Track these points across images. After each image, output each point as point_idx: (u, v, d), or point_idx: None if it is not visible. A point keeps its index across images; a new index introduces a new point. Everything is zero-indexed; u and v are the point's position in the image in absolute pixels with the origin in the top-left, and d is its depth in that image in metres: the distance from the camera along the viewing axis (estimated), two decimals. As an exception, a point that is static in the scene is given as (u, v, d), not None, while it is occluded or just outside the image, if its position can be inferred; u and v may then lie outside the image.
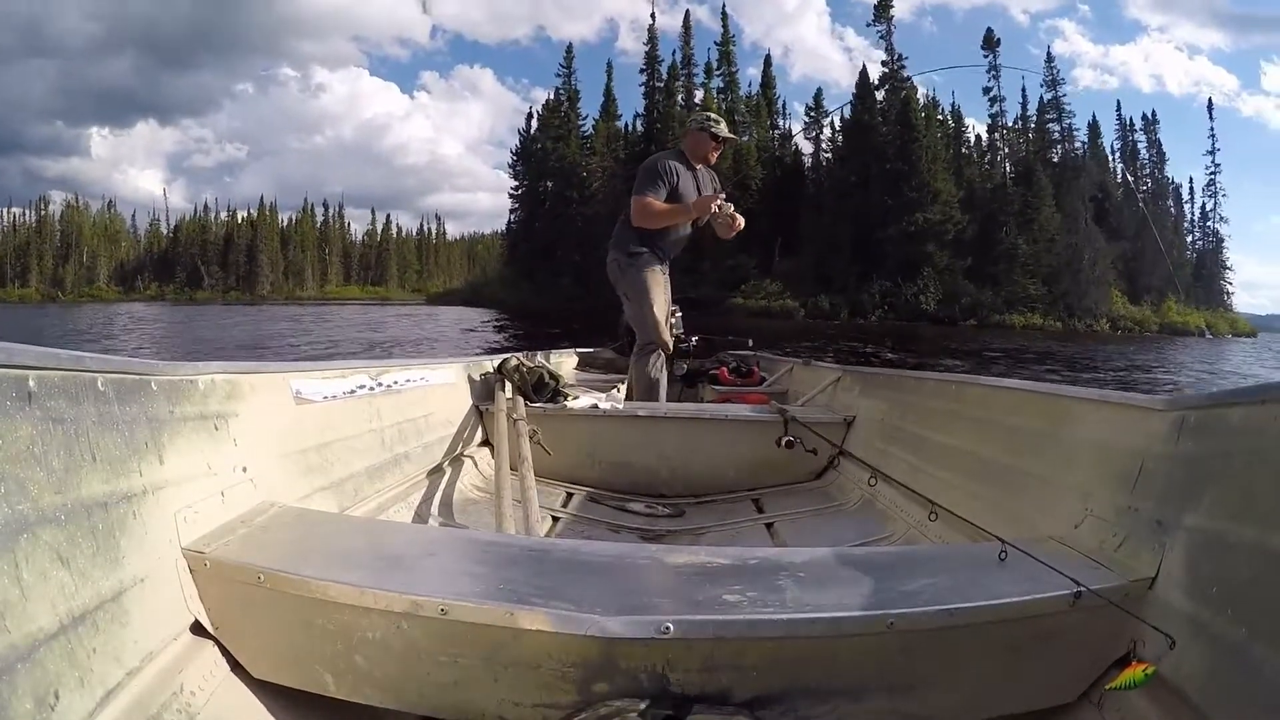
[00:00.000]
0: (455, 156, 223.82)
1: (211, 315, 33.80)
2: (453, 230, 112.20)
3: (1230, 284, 53.42)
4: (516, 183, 55.99)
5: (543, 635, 0.85)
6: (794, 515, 2.24)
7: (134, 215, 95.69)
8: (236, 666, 0.97)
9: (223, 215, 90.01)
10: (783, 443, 2.40)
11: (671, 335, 3.33)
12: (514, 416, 2.21)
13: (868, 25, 49.29)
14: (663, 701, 0.84)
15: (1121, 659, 0.98)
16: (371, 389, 1.82)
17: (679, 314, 4.06)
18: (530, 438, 2.10)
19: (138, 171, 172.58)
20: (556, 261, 48.11)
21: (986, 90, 49.50)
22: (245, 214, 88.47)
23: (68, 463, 0.78)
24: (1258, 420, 0.91)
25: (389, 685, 0.92)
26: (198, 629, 0.95)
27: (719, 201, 3.00)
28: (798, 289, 41.52)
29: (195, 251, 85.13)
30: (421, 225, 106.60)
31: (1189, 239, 52.96)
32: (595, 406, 2.58)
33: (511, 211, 56.73)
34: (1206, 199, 53.46)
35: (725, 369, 4.01)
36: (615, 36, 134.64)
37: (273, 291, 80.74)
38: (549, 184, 52.89)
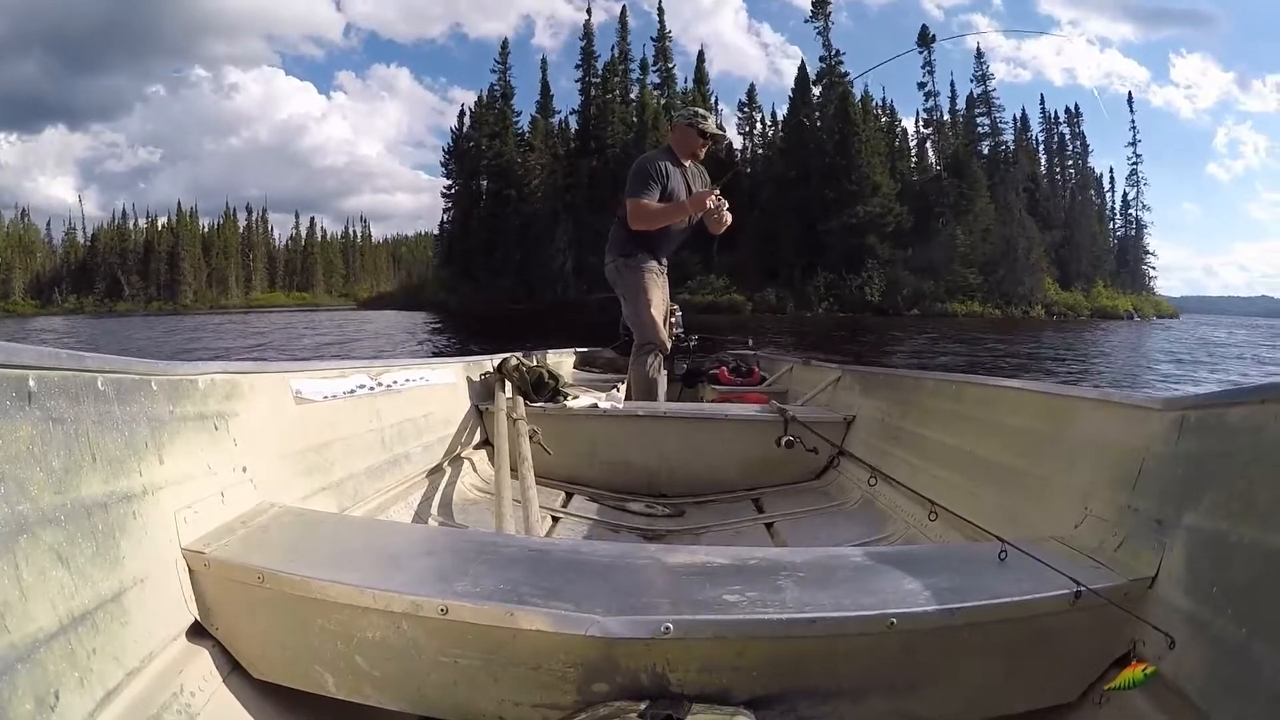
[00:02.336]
0: (374, 157, 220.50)
1: (134, 329, 31.23)
2: (375, 232, 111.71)
3: (1153, 269, 56.30)
4: (449, 181, 55.69)
5: (543, 635, 0.84)
6: (794, 515, 2.23)
7: (49, 224, 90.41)
8: (236, 667, 0.97)
9: (141, 222, 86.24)
10: (782, 442, 2.39)
11: (671, 335, 3.32)
12: (514, 416, 2.21)
13: (805, 21, 50.53)
14: (663, 701, 0.84)
15: (1122, 658, 0.98)
16: (371, 389, 1.81)
17: (679, 313, 4.05)
18: (530, 437, 2.10)
19: (48, 179, 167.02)
20: (496, 261, 47.68)
21: (921, 85, 51.57)
22: (165, 220, 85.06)
23: (68, 463, 0.77)
24: (1258, 420, 0.91)
25: (389, 685, 0.92)
26: (198, 629, 0.95)
27: (714, 196, 2.99)
28: (743, 283, 42.07)
29: (114, 261, 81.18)
30: (346, 228, 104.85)
31: (1111, 226, 55.26)
32: (595, 406, 2.58)
33: (445, 211, 56.43)
34: (1128, 188, 56.26)
35: (725, 369, 4.00)
36: (532, 34, 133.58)
37: (196, 301, 78.40)
38: (484, 182, 52.54)
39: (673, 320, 3.79)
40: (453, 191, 55.04)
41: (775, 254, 42.37)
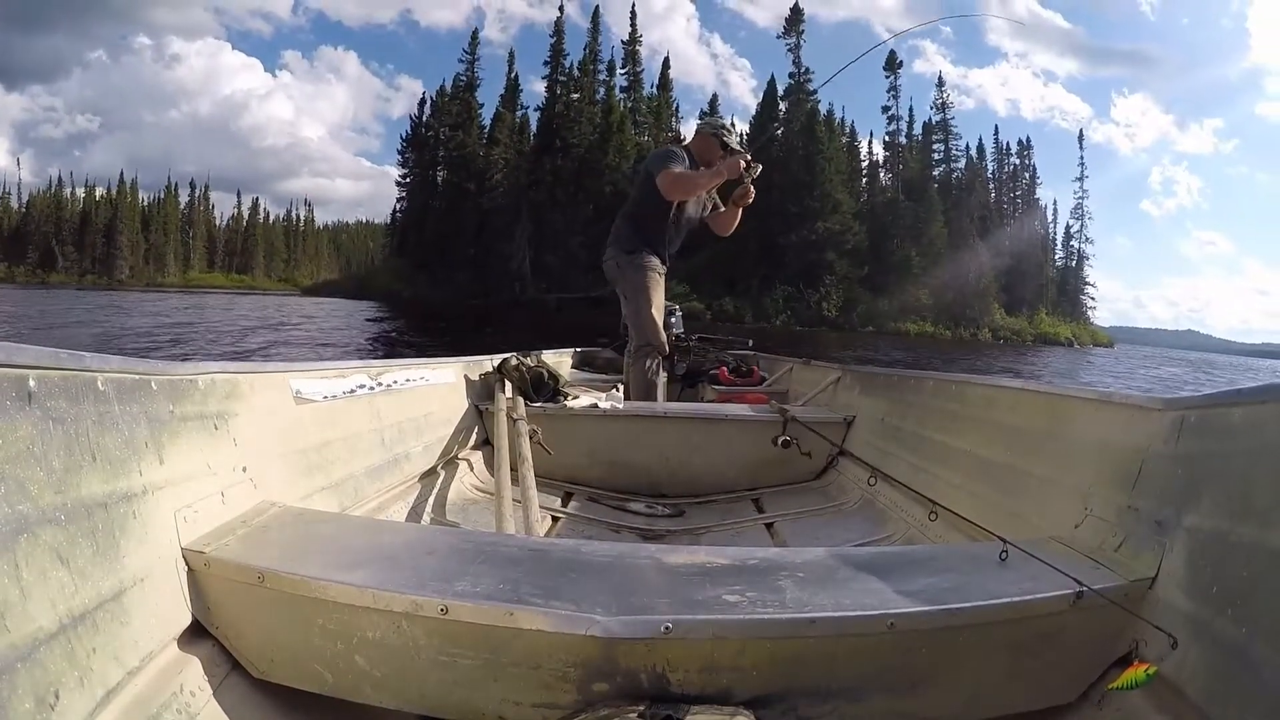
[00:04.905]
0: (316, 140, 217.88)
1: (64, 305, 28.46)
2: (316, 218, 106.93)
3: (1092, 299, 58.60)
4: (405, 170, 54.62)
5: (543, 635, 0.84)
6: (794, 515, 2.23)
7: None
8: (236, 666, 0.97)
9: (79, 191, 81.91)
10: (782, 442, 2.39)
11: (671, 335, 3.28)
12: (514, 416, 2.20)
13: (777, 38, 51.40)
14: (663, 701, 0.84)
15: (1122, 659, 0.98)
16: (371, 389, 1.80)
17: (679, 313, 4.02)
18: (530, 437, 2.09)
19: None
20: (453, 255, 46.95)
21: (886, 109, 53.02)
22: (105, 191, 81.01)
23: (68, 463, 0.77)
24: (1258, 420, 0.92)
25: (389, 685, 0.92)
26: (198, 629, 0.95)
27: (747, 158, 2.94)
28: (702, 291, 42.37)
29: (49, 230, 76.56)
30: (289, 211, 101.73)
31: (1053, 256, 57.34)
32: (595, 406, 2.56)
33: (399, 200, 55.58)
34: (1072, 220, 58.46)
35: (725, 369, 4.00)
36: (482, 25, 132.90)
37: (132, 277, 74.97)
38: (442, 173, 51.78)
39: (672, 320, 3.83)
40: (408, 181, 54.10)
41: (735, 264, 42.67)
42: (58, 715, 0.67)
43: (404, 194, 54.45)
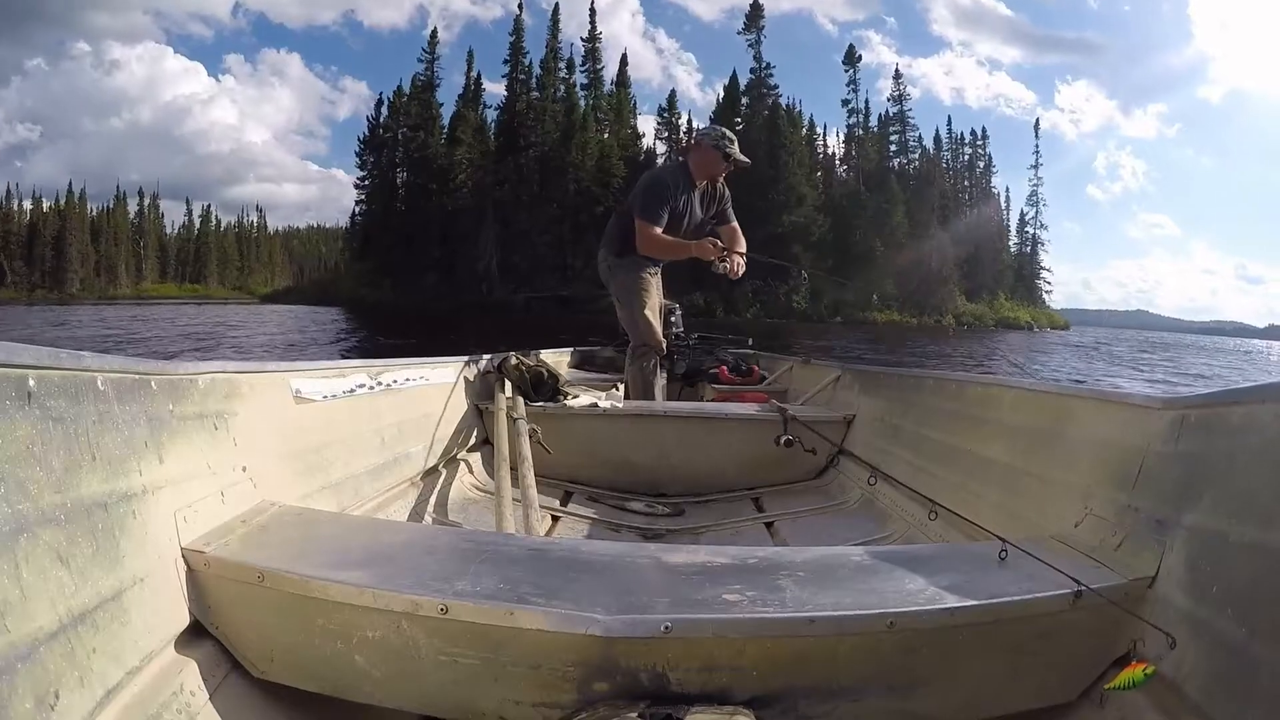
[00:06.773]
0: (260, 145, 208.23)
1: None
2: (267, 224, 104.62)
3: (1048, 283, 60.58)
4: (364, 173, 54.02)
5: (543, 634, 0.84)
6: (794, 514, 2.23)
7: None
8: (236, 666, 0.96)
9: (26, 204, 78.85)
10: (782, 441, 2.38)
11: (670, 334, 3.29)
12: (514, 415, 2.19)
13: (738, 34, 51.91)
14: (663, 701, 0.84)
15: (1122, 658, 0.98)
16: (371, 388, 1.79)
17: (678, 312, 4.00)
18: (530, 436, 2.08)
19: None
20: (418, 258, 46.47)
21: (846, 102, 54.01)
22: (53, 203, 78.07)
23: (68, 462, 0.77)
24: (1258, 419, 0.91)
25: (389, 685, 0.92)
26: (198, 628, 0.95)
27: (719, 255, 2.94)
28: (672, 286, 42.41)
29: (-4, 244, 74.29)
30: (240, 218, 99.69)
31: (1008, 243, 59.07)
32: (595, 405, 2.57)
33: (358, 204, 55.03)
34: (1027, 208, 60.50)
35: (725, 368, 3.99)
36: (425, 25, 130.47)
37: (83, 290, 72.94)
38: (404, 175, 51.33)
39: (672, 320, 3.83)
40: (367, 184, 53.36)
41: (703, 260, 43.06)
42: (58, 715, 0.67)
43: (363, 196, 53.87)
